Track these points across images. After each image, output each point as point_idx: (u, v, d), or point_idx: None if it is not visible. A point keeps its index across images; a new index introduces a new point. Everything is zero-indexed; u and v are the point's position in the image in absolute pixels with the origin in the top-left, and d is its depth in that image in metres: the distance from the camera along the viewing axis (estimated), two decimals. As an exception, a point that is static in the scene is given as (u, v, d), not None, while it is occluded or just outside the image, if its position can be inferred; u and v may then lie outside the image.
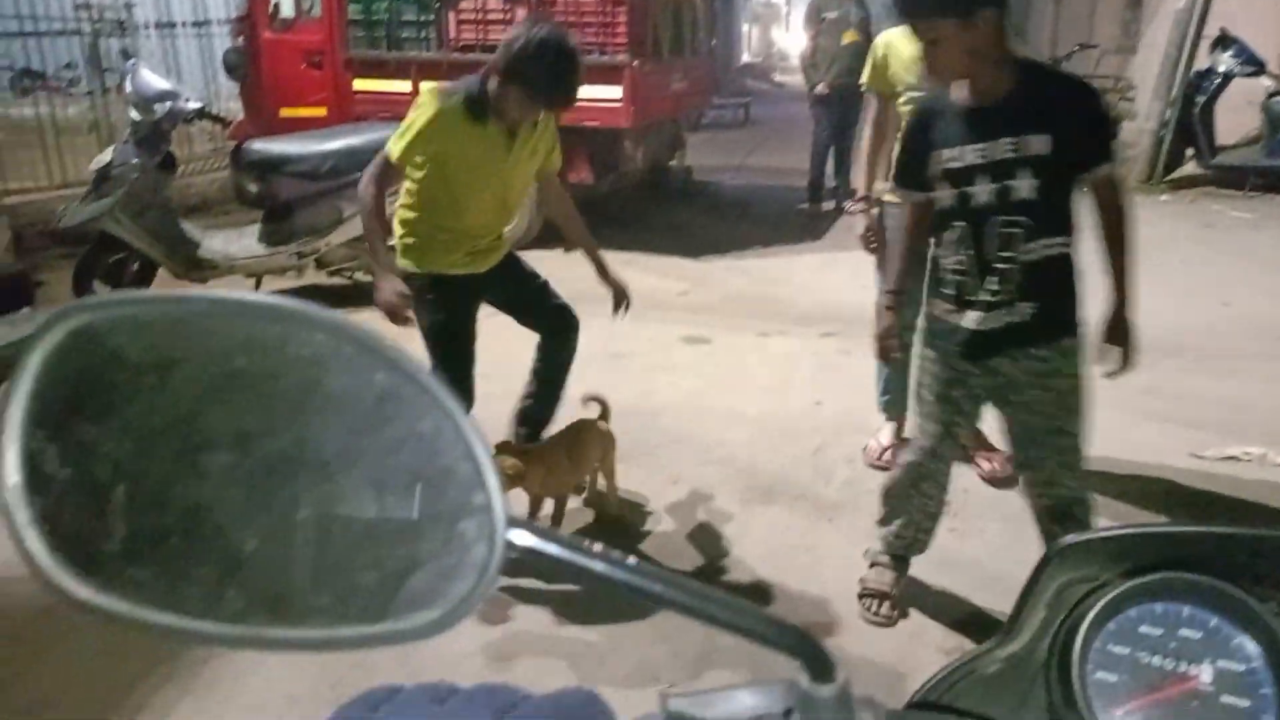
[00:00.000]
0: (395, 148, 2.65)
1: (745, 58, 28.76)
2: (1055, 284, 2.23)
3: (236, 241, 5.42)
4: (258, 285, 5.41)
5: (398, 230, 2.82)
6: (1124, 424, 3.84)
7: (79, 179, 6.10)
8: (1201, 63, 8.67)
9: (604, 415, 3.15)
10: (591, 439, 3.07)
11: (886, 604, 2.61)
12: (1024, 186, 2.12)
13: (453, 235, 2.81)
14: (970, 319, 2.26)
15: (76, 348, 0.38)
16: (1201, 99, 8.52)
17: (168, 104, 4.94)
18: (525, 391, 3.22)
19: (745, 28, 31.67)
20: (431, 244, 2.78)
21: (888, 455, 3.49)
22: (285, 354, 0.38)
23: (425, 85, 2.78)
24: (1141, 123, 9.08)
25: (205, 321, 0.39)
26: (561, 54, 2.58)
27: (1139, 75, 10.03)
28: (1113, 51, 11.48)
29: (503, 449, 2.89)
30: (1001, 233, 2.17)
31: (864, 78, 3.33)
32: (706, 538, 3.05)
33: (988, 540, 3.01)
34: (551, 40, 2.56)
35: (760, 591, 2.76)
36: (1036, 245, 2.17)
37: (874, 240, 3.32)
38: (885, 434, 3.58)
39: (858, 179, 3.58)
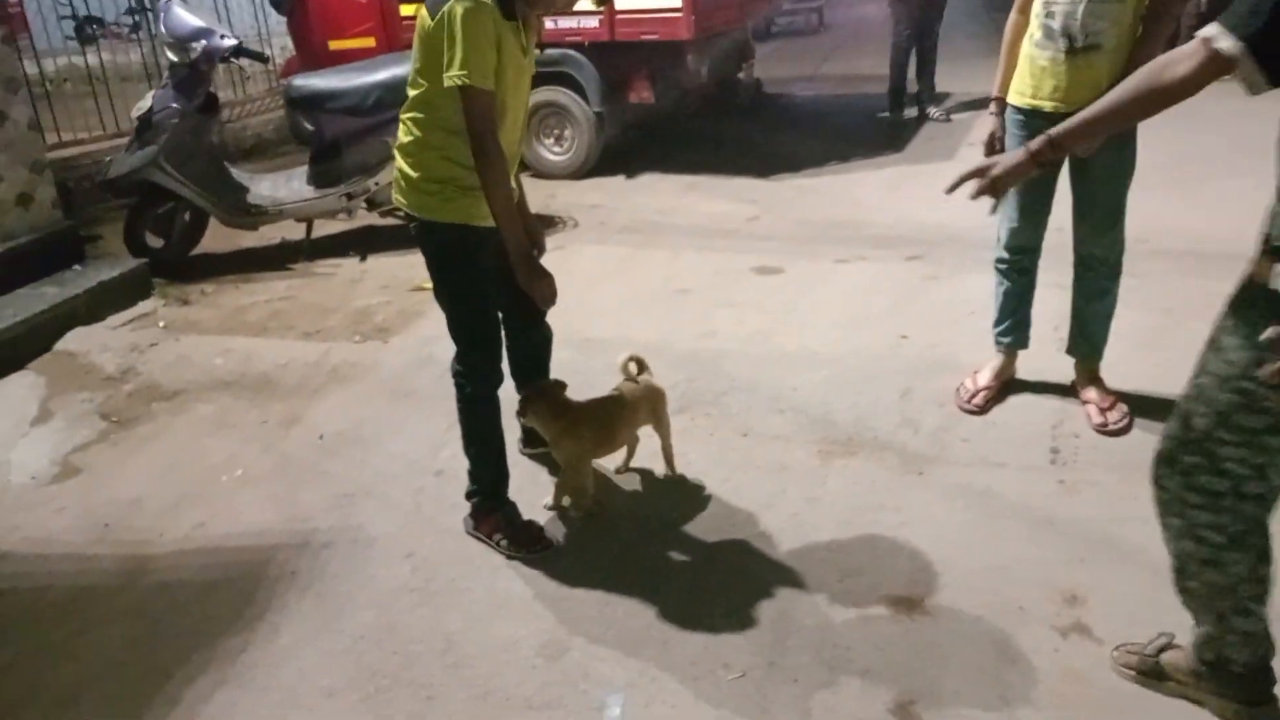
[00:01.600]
0: (481, 76, 2.18)
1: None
2: None
3: (285, 185, 5.22)
4: (309, 231, 5.24)
5: (415, 171, 2.39)
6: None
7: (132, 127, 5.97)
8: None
9: (642, 369, 2.84)
10: (637, 401, 2.78)
11: None
12: None
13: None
14: None
15: None
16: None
17: (202, 43, 4.71)
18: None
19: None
20: (467, 187, 2.34)
21: (981, 397, 3.12)
22: None
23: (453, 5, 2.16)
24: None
25: None
26: None
27: None
28: None
29: (535, 400, 2.66)
30: None
31: None
32: (781, 497, 2.76)
33: (1100, 495, 2.65)
34: None
35: (840, 561, 2.47)
36: None
37: (998, 149, 2.88)
38: (985, 373, 3.19)
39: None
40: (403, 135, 2.43)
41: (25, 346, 4.00)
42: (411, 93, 2.39)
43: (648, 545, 2.61)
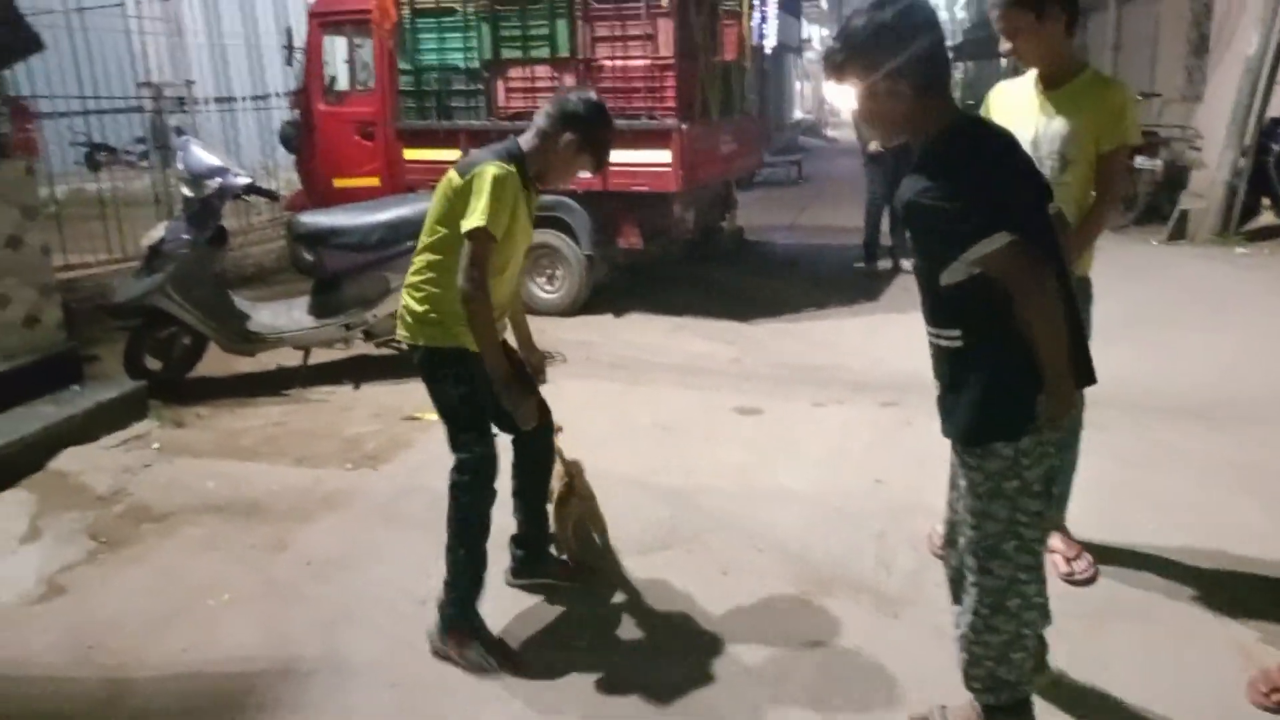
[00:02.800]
0: (494, 224, 2.51)
1: (797, 114, 28.84)
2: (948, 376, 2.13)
3: (286, 314, 5.41)
4: (305, 358, 5.39)
5: (421, 305, 2.69)
6: (1217, 503, 3.55)
7: (138, 253, 6.19)
8: (1275, 110, 8.34)
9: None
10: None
11: None
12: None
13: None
14: None
15: None
16: (1277, 146, 8.17)
17: (218, 180, 4.97)
18: (518, 517, 3.11)
19: (797, 85, 31.84)
20: (461, 317, 2.60)
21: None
22: None
23: (482, 165, 2.56)
24: (1213, 173, 8.74)
25: None
26: (608, 116, 2.78)
27: (1206, 124, 9.69)
28: (1177, 100, 11.18)
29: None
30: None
31: None
32: (760, 636, 2.83)
33: (1068, 643, 2.74)
34: (600, 104, 2.76)
35: (818, 700, 2.53)
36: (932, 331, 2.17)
37: None
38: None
39: None
40: (414, 276, 2.73)
41: (19, 464, 4.06)
42: (426, 239, 2.70)
43: (631, 677, 2.65)
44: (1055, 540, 3.15)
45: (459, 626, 2.74)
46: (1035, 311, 1.91)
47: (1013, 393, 2.00)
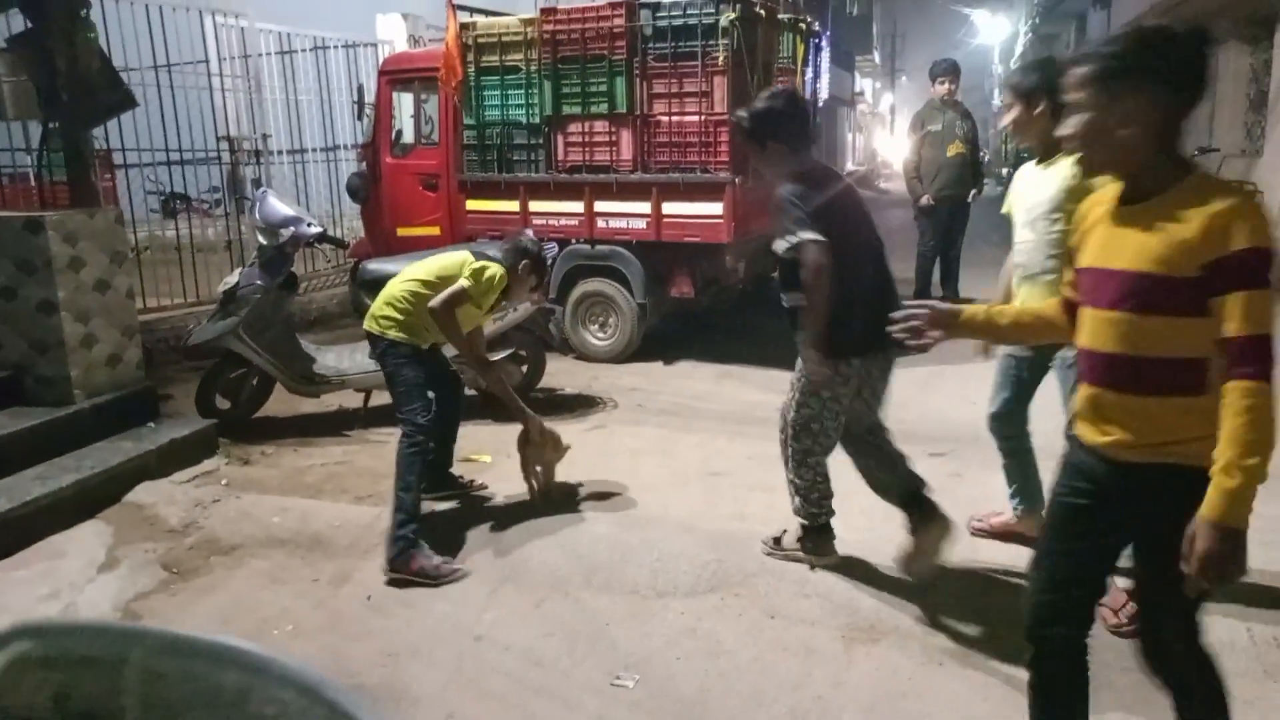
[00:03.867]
0: (477, 293, 3.89)
1: (850, 166, 29.02)
2: None
3: (349, 358, 5.62)
4: (366, 400, 5.58)
5: (399, 316, 3.91)
6: (1269, 554, 3.52)
7: (211, 297, 6.48)
8: (1336, 166, 8.24)
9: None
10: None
11: None
12: None
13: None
14: None
15: (11, 684, 0.34)
16: (1338, 203, 8.06)
17: (290, 229, 5.22)
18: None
19: (850, 136, 32.06)
20: (423, 333, 3.95)
21: (991, 523, 3.81)
22: (244, 712, 0.33)
23: (492, 266, 3.94)
24: (1277, 230, 8.64)
25: (157, 663, 0.35)
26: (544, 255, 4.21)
27: (1267, 179, 9.59)
28: (1236, 155, 11.08)
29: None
30: None
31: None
32: (807, 680, 2.88)
33: (1114, 695, 2.74)
34: (545, 253, 4.25)
35: (863, 745, 2.56)
36: None
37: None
38: (1003, 517, 3.78)
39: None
40: (400, 293, 3.95)
41: (98, 496, 4.28)
42: (422, 277, 3.97)
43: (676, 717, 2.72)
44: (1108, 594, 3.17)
45: (407, 549, 3.59)
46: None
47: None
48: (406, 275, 4.03)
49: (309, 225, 5.31)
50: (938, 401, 5.65)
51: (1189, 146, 11.79)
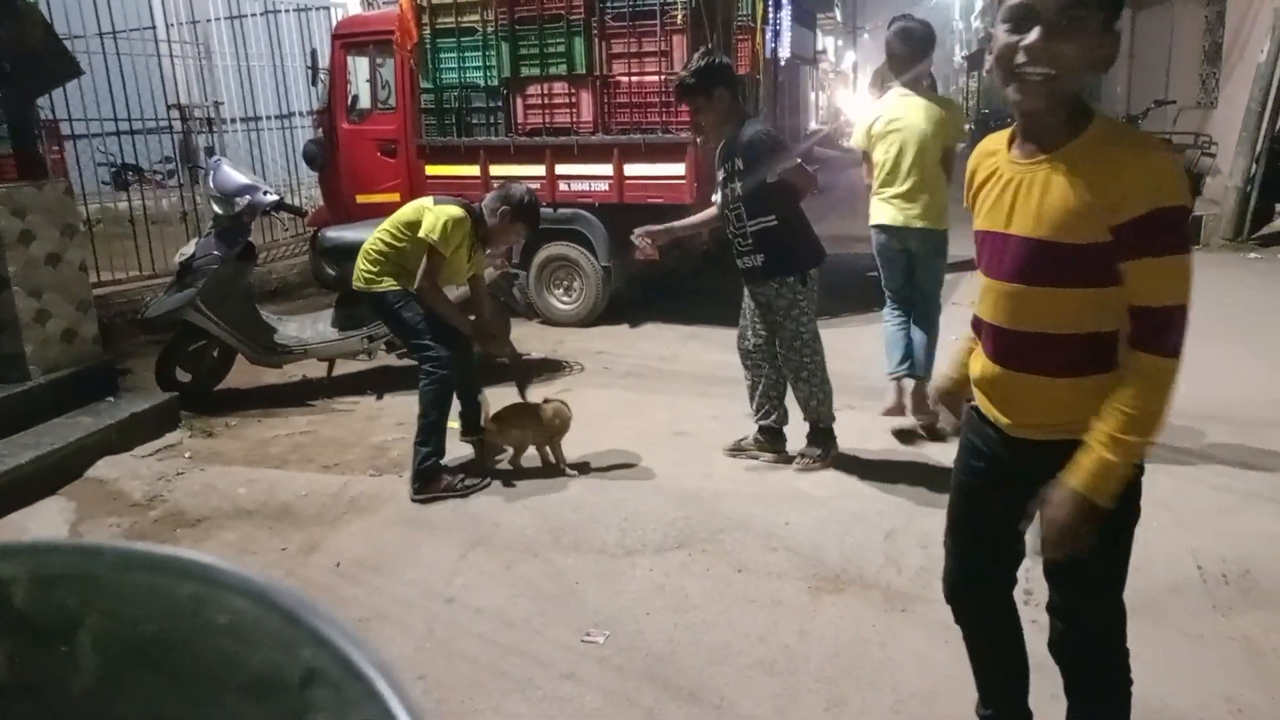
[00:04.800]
0: (445, 245, 3.99)
1: (813, 125, 28.96)
2: None
3: (311, 327, 5.57)
4: (330, 369, 5.54)
5: (374, 267, 4.11)
6: (1220, 503, 3.62)
7: (168, 269, 6.37)
8: (1287, 116, 8.38)
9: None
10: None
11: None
12: None
13: None
14: None
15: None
16: (1289, 153, 8.22)
17: (247, 198, 5.14)
18: (460, 400, 4.37)
19: (813, 95, 31.95)
20: (407, 276, 4.09)
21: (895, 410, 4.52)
22: (199, 621, 0.34)
23: (445, 209, 4.06)
24: (1226, 179, 8.79)
25: (114, 577, 0.36)
26: (538, 206, 4.34)
27: (1221, 131, 9.73)
28: (1192, 107, 11.22)
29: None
30: None
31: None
32: (774, 630, 2.93)
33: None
34: (534, 197, 4.30)
35: (828, 691, 2.62)
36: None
37: None
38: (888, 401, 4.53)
39: None
40: (375, 248, 4.14)
41: (59, 473, 4.22)
42: (391, 230, 4.14)
43: (644, 669, 2.76)
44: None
45: (431, 472, 3.96)
46: None
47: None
48: (377, 228, 4.23)
49: (265, 194, 5.23)
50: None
51: (1148, 98, 11.92)
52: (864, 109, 7.92)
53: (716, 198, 4.20)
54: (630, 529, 3.62)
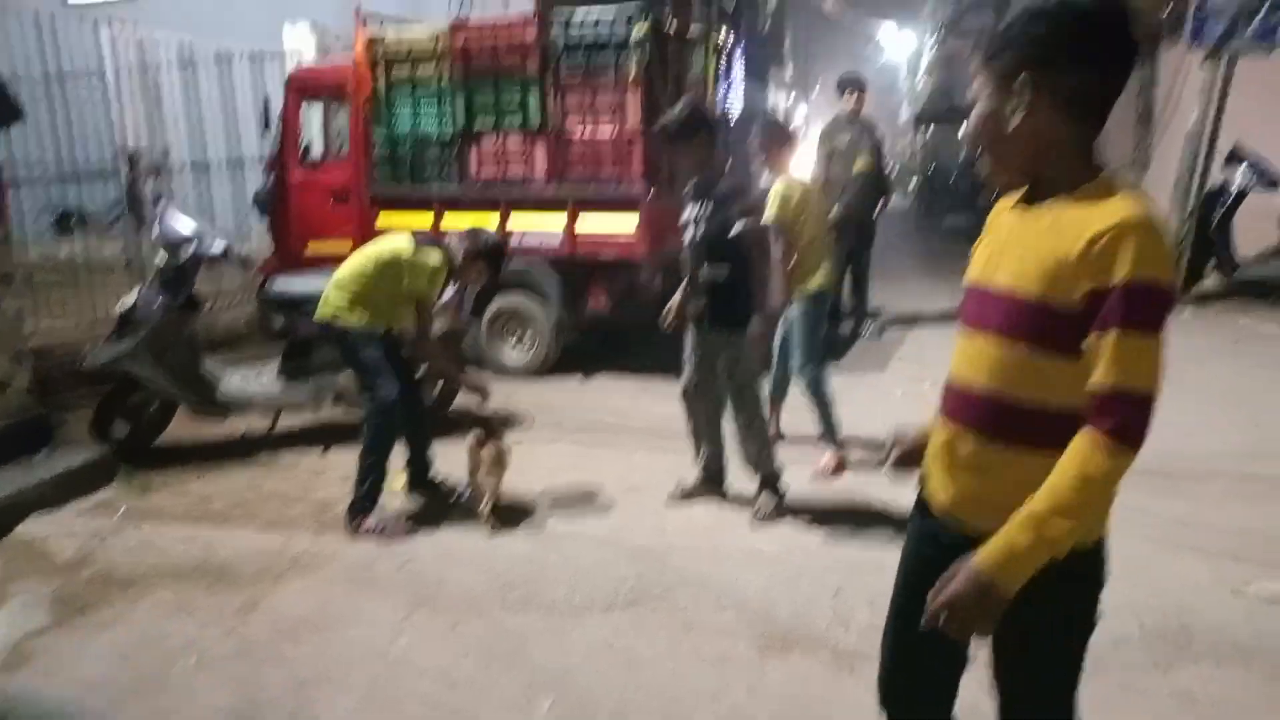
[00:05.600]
0: (430, 294, 4.25)
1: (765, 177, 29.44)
2: None
3: (255, 380, 5.47)
4: (274, 422, 5.44)
5: (354, 301, 4.16)
6: (1161, 558, 3.69)
7: (110, 317, 6.23)
8: (1216, 178, 8.72)
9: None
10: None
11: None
12: None
13: (396, 318, 4.31)
14: None
15: None
16: (1218, 214, 8.54)
17: (192, 247, 5.06)
18: (406, 449, 4.48)
19: (764, 149, 32.58)
20: (383, 317, 4.24)
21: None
22: None
23: (427, 259, 4.21)
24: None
25: None
26: (504, 252, 4.60)
27: (1153, 190, 10.10)
28: (1128, 167, 11.62)
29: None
30: None
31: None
32: (721, 691, 2.90)
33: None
34: (500, 242, 4.61)
35: (778, 753, 2.60)
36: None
37: None
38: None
39: None
40: (347, 280, 4.20)
41: (-14, 530, 4.07)
42: (362, 264, 4.21)
43: (595, 736, 2.72)
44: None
45: (364, 509, 4.06)
46: None
47: None
48: (351, 260, 4.31)
49: (212, 242, 5.15)
50: (846, 413, 5.75)
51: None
52: (808, 165, 8.08)
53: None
54: (580, 586, 3.58)
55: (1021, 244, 1.55)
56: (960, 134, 1.56)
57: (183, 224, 5.16)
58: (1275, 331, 7.52)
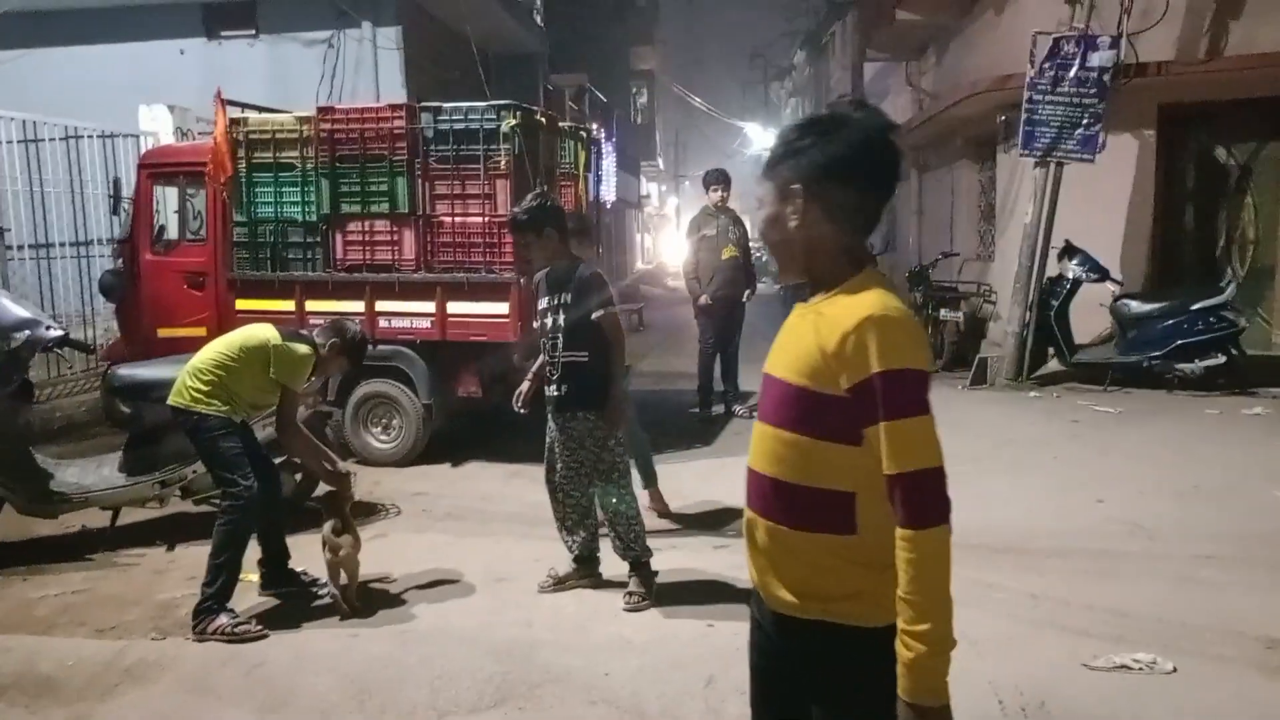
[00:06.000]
0: (297, 383, 4.18)
1: (640, 264, 30.11)
2: None
3: (95, 472, 5.10)
4: (114, 518, 5.07)
5: (214, 388, 4.00)
6: (1018, 634, 3.81)
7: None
8: (1053, 270, 9.39)
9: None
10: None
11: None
12: None
13: (256, 408, 4.30)
14: None
15: None
16: (1056, 303, 9.16)
17: (26, 333, 4.72)
18: (262, 544, 4.27)
19: (638, 236, 33.36)
20: (242, 407, 4.13)
21: None
22: None
23: (294, 350, 4.17)
24: (1005, 325, 9.68)
25: None
26: (366, 346, 4.57)
27: (998, 281, 10.78)
28: (973, 259, 12.41)
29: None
30: None
31: None
32: (590, 793, 2.79)
33: None
34: (365, 336, 4.56)
35: None
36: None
37: None
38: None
39: None
40: (205, 365, 4.05)
41: None
42: (225, 350, 4.10)
43: None
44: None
45: (213, 610, 3.82)
46: None
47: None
48: (210, 346, 4.17)
49: (48, 328, 4.82)
50: (717, 494, 5.81)
51: (936, 250, 13.10)
52: (678, 253, 8.28)
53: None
54: (443, 688, 3.41)
55: (795, 335, 1.68)
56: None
57: (14, 309, 4.82)
58: (1110, 411, 8.04)
